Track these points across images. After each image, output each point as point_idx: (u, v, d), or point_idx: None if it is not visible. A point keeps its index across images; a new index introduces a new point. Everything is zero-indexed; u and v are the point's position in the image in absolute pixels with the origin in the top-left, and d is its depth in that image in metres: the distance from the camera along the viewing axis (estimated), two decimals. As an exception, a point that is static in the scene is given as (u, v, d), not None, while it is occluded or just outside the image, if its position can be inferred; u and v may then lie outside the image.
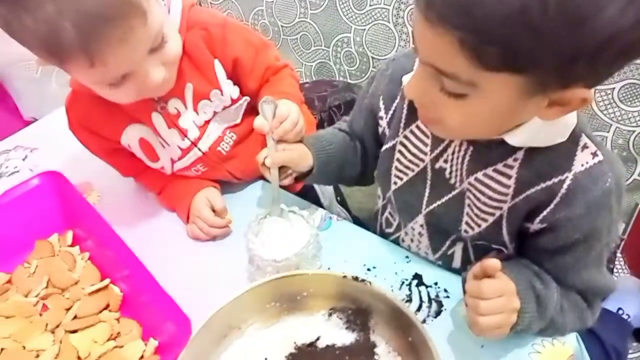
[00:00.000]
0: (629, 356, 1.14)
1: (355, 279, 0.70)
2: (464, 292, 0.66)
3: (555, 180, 0.62)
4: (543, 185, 0.63)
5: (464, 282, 0.66)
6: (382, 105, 0.79)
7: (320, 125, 1.31)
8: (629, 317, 1.14)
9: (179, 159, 0.89)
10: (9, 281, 0.84)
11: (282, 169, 0.78)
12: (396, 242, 0.87)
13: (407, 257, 0.84)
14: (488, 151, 0.66)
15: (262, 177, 0.95)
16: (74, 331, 0.77)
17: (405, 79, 0.72)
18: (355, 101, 0.88)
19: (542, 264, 0.68)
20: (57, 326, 0.77)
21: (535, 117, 0.57)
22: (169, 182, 0.94)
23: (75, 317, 0.79)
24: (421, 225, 0.80)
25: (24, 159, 1.12)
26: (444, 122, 0.58)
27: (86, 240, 0.89)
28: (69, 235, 0.90)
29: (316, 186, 1.15)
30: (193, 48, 0.80)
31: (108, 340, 0.75)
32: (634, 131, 1.28)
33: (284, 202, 0.82)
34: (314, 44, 1.82)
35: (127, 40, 0.63)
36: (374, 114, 0.81)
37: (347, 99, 1.53)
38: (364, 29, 1.65)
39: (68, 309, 0.80)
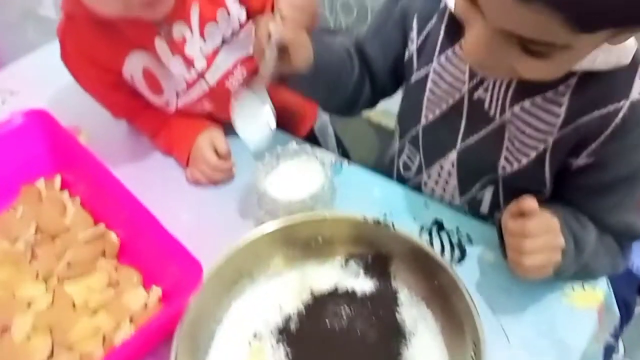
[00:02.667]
0: (637, 308, 1.13)
1: (377, 222, 0.66)
2: (500, 235, 0.62)
3: (611, 108, 0.57)
4: (597, 113, 0.58)
5: (498, 224, 0.62)
6: (415, 25, 0.71)
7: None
8: (638, 269, 1.12)
9: (184, 92, 0.83)
10: (-6, 228, 0.78)
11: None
12: (416, 187, 0.82)
13: (425, 202, 0.79)
14: None
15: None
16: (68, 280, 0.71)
17: None
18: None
19: (580, 206, 0.64)
20: (50, 275, 0.71)
21: None
22: (167, 124, 0.88)
23: (68, 265, 0.72)
24: (452, 164, 0.74)
25: (3, 103, 1.04)
26: (514, 73, 0.53)
27: (76, 184, 0.82)
28: (57, 179, 0.83)
29: (319, 137, 1.10)
30: None
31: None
32: None
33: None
34: (309, -9, 1.73)
35: None
36: (403, 33, 0.73)
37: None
38: (364, -25, 1.57)
39: (60, 257, 0.73)
